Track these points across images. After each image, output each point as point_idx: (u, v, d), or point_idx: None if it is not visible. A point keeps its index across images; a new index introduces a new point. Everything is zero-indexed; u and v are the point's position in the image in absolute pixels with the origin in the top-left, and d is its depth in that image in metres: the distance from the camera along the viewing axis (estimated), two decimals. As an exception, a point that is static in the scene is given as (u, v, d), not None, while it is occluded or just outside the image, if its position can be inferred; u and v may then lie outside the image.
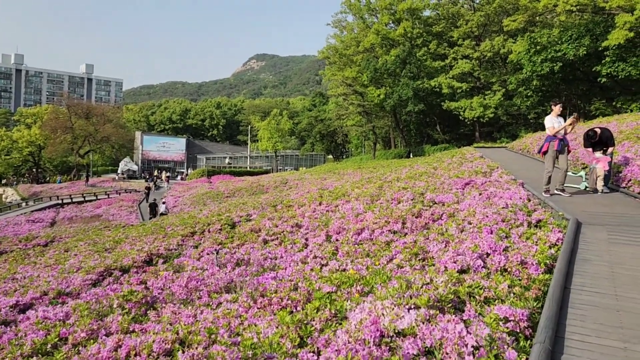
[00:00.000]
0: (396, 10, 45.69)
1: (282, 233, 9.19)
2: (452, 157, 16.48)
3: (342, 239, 7.58)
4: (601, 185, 9.20)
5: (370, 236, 7.49)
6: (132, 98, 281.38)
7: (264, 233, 9.42)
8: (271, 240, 9.08)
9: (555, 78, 33.80)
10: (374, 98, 45.31)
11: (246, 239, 9.52)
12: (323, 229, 8.26)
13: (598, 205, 7.86)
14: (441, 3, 47.64)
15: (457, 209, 8.25)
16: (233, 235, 9.91)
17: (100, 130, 73.67)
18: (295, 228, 9.44)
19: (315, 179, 37.18)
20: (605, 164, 9.17)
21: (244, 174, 60.19)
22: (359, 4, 49.48)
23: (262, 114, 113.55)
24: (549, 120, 9.39)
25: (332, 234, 8.02)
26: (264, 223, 10.24)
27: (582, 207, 7.62)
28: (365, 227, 7.91)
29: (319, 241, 7.84)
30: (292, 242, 8.37)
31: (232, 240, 9.60)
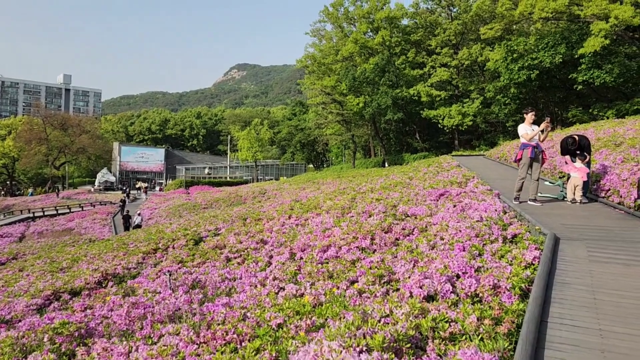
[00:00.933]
0: (374, 19, 45.61)
1: (246, 250, 8.61)
2: (429, 167, 16.08)
3: (307, 257, 7.04)
4: (580, 196, 8.83)
5: (337, 254, 6.97)
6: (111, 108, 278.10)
7: (227, 250, 8.83)
8: (234, 258, 8.50)
9: (532, 86, 33.87)
10: (353, 107, 45.03)
11: (208, 256, 8.91)
12: (288, 246, 7.71)
13: (576, 217, 7.46)
14: (419, 12, 47.74)
15: (430, 223, 7.78)
16: (194, 253, 9.29)
17: (76, 141, 72.30)
18: (261, 244, 8.87)
19: (294, 189, 36.63)
20: (583, 174, 8.81)
21: (223, 184, 59.39)
22: (337, 13, 49.35)
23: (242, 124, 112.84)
24: (523, 127, 9.04)
25: (297, 252, 7.47)
26: (228, 239, 9.65)
27: (560, 219, 7.20)
28: (332, 243, 7.39)
29: (282, 259, 7.28)
30: (255, 260, 7.79)
31: (194, 258, 8.98)
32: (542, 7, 29.78)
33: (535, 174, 8.88)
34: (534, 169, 8.89)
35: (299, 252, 7.43)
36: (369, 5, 46.13)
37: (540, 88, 35.28)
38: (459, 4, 44.58)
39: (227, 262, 8.43)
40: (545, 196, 9.53)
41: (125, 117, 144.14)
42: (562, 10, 30.66)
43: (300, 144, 73.24)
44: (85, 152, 73.25)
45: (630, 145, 10.85)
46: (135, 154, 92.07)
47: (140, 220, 31.17)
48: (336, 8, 49.34)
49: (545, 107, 40.94)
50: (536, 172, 8.88)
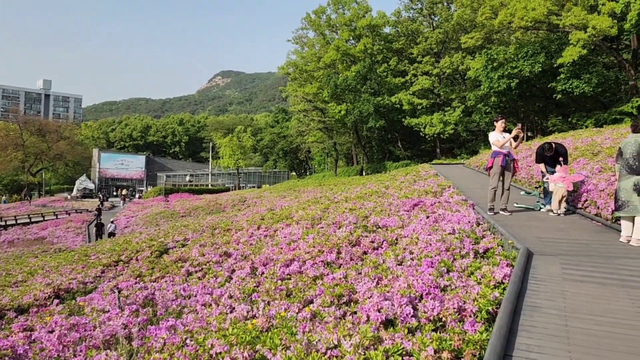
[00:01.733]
0: (356, 26, 45.50)
1: (207, 264, 8.13)
2: (406, 175, 15.75)
3: (268, 272, 6.58)
4: (564, 208, 8.52)
5: (300, 269, 6.52)
6: (93, 114, 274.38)
7: (188, 264, 8.33)
8: (195, 272, 8.01)
9: (512, 94, 33.94)
10: (335, 114, 44.76)
11: (169, 270, 8.40)
12: (250, 260, 7.24)
13: (553, 229, 7.12)
14: (400, 20, 47.77)
15: (401, 235, 7.39)
16: (154, 266, 8.76)
17: (54, 148, 70.82)
18: (224, 257, 8.39)
19: (274, 197, 36.18)
20: (569, 184, 8.50)
21: (204, 192, 58.53)
22: (319, 20, 49.15)
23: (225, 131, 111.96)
24: (494, 135, 8.74)
25: (259, 266, 7.01)
26: (192, 251, 9.14)
27: (535, 232, 6.86)
28: (297, 257, 6.95)
29: (243, 274, 6.82)
30: (215, 275, 7.32)
31: (153, 272, 8.46)
32: (521, 16, 29.86)
33: (507, 183, 8.58)
34: (505, 178, 8.59)
35: (260, 266, 6.97)
36: (351, 13, 46.04)
37: (520, 97, 35.39)
38: (440, 13, 44.70)
39: (188, 277, 7.94)
40: (521, 206, 9.22)
41: (106, 124, 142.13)
42: (542, 20, 30.78)
43: (283, 151, 72.75)
44: (63, 158, 71.79)
45: (608, 155, 10.63)
46: (115, 160, 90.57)
47: (113, 229, 30.41)
48: (318, 15, 49.16)
49: (526, 116, 41.12)
50: (507, 181, 8.59)
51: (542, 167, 9.22)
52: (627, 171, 6.22)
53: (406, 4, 46.99)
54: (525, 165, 13.53)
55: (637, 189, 6.04)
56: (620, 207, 6.21)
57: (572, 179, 8.62)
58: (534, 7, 29.93)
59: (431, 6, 45.36)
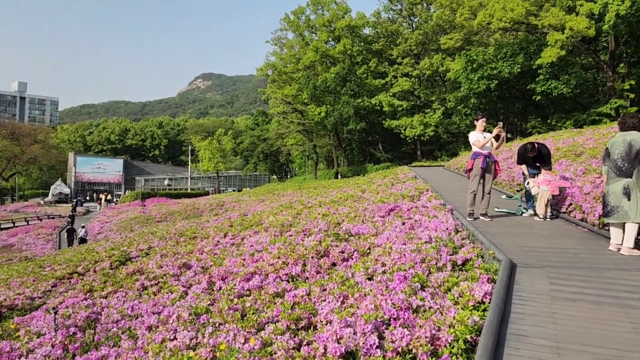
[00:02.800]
0: (335, 27, 45.01)
1: (164, 277, 7.43)
2: (384, 178, 15.20)
3: (226, 287, 5.92)
4: (549, 212, 8.03)
5: (262, 283, 5.88)
6: (71, 117, 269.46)
7: (143, 277, 7.63)
8: (151, 286, 7.31)
9: (492, 96, 33.75)
10: (314, 116, 44.17)
11: (123, 284, 7.68)
12: (207, 273, 6.57)
13: (536, 236, 6.59)
14: (380, 21, 47.43)
15: (373, 245, 6.80)
16: (107, 280, 8.03)
17: (27, 151, 68.91)
18: (183, 269, 7.70)
19: (253, 201, 35.51)
20: (555, 188, 8.00)
21: (182, 196, 57.41)
22: (299, 21, 48.56)
23: (205, 134, 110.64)
24: (474, 135, 8.21)
25: (217, 280, 6.35)
26: (149, 263, 8.43)
27: (517, 240, 6.32)
28: (259, 270, 6.31)
29: (199, 290, 6.14)
30: (171, 290, 6.64)
31: (105, 286, 7.73)
32: (500, 17, 29.67)
33: (487, 186, 8.06)
34: (486, 181, 8.07)
35: (219, 281, 6.31)
36: (330, 14, 45.53)
37: (500, 98, 35.25)
38: (420, 14, 44.49)
39: (143, 291, 7.24)
40: (502, 211, 8.71)
41: (83, 127, 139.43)
42: (520, 21, 30.65)
43: (263, 154, 71.85)
44: (37, 162, 69.91)
45: (591, 156, 10.20)
46: (91, 164, 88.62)
47: (84, 234, 29.43)
48: (297, 16, 48.57)
49: (505, 118, 41.02)
50: (488, 185, 8.06)
51: (524, 168, 8.72)
52: (615, 173, 5.70)
53: (385, 5, 46.72)
54: (506, 167, 13.09)
55: (626, 193, 5.53)
56: (609, 212, 5.69)
57: (558, 184, 8.12)
58: (513, 8, 29.76)
59: (410, 7, 45.11)
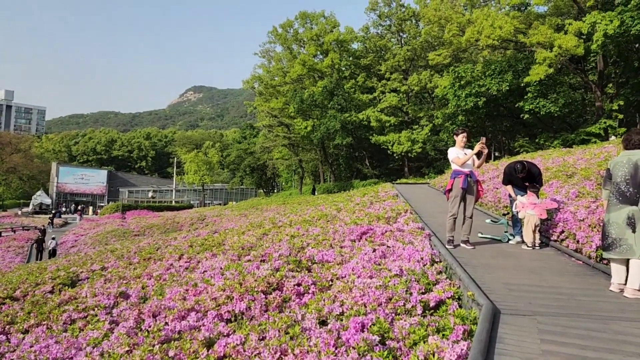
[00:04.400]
0: (323, 41, 44.46)
1: (95, 308, 6.40)
2: (363, 196, 14.30)
3: (154, 327, 4.93)
4: (538, 239, 7.14)
5: (197, 323, 4.91)
6: (59, 127, 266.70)
7: (72, 307, 6.59)
8: (79, 319, 6.28)
9: (480, 113, 33.17)
10: (301, 130, 43.35)
11: (49, 315, 6.64)
12: (136, 309, 5.57)
13: (524, 270, 5.69)
14: (369, 36, 47.01)
15: (336, 276, 5.86)
16: (31, 311, 6.97)
17: (7, 160, 67.32)
18: (119, 299, 6.68)
19: (235, 216, 34.49)
20: (542, 211, 7.14)
21: (164, 208, 56.07)
22: (287, 34, 47.99)
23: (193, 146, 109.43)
24: (453, 151, 7.36)
25: (147, 318, 5.35)
26: (84, 290, 7.40)
27: (502, 275, 5.41)
28: (198, 305, 5.33)
29: (124, 329, 5.14)
30: (95, 327, 5.62)
31: (29, 318, 6.68)
32: (488, 34, 29.20)
33: (469, 209, 7.14)
34: (468, 203, 7.17)
35: (149, 318, 5.31)
36: (318, 27, 45.02)
37: (487, 116, 34.69)
38: (409, 30, 44.12)
39: (70, 325, 6.21)
40: (486, 237, 7.81)
41: (68, 137, 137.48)
42: (509, 38, 30.24)
43: (250, 168, 70.85)
44: (17, 172, 68.26)
45: (584, 177, 9.37)
46: (75, 175, 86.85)
47: (54, 245, 28.28)
48: (285, 29, 47.99)
49: (493, 136, 40.53)
50: (470, 207, 7.15)
51: (510, 189, 7.86)
52: (617, 200, 4.82)
53: (374, 20, 46.34)
54: (492, 187, 12.25)
55: (631, 224, 4.66)
56: (610, 246, 4.80)
57: (545, 206, 7.27)
58: (501, 26, 29.34)
59: (399, 23, 44.75)
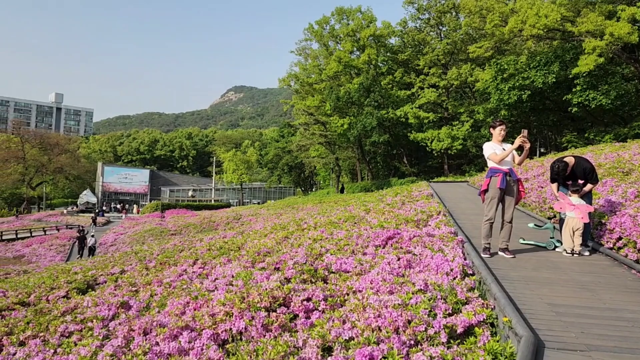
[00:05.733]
0: (360, 37, 43.51)
1: (93, 320, 5.91)
2: (396, 196, 13.44)
3: (141, 349, 4.36)
4: (579, 245, 6.21)
5: (188, 344, 4.31)
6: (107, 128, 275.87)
7: (70, 318, 6.14)
8: (74, 332, 5.80)
9: (523, 107, 31.51)
10: (337, 128, 42.60)
11: (48, 326, 6.20)
12: (127, 324, 5.01)
13: (573, 285, 4.80)
14: (406, 30, 45.70)
15: (351, 290, 5.14)
16: (30, 321, 6.57)
17: (54, 161, 69.58)
18: (120, 310, 6.18)
19: (271, 215, 34.19)
20: (584, 214, 6.20)
21: (203, 207, 56.50)
22: (323, 31, 47.31)
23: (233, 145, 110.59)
24: (489, 146, 6.46)
25: (137, 335, 4.78)
26: (86, 299, 6.96)
27: (547, 293, 4.55)
28: (194, 322, 4.72)
29: (112, 348, 4.59)
30: (86, 343, 5.11)
31: (27, 328, 6.27)
32: (532, 23, 27.60)
33: (508, 213, 6.25)
34: (507, 206, 6.28)
35: (139, 336, 4.74)
36: (354, 23, 44.05)
37: (532, 110, 32.94)
38: (448, 23, 42.58)
39: (65, 338, 5.74)
40: (529, 243, 6.90)
41: (114, 137, 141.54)
42: (555, 27, 28.52)
43: (288, 166, 70.72)
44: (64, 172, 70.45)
45: (644, 174, 8.27)
46: (118, 174, 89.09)
47: (93, 243, 28.74)
48: (322, 26, 47.32)
49: (539, 132, 38.65)
50: (509, 211, 6.25)
51: (554, 188, 6.92)
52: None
53: (412, 14, 44.97)
54: (536, 186, 11.18)
55: None
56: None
57: (586, 209, 6.27)
58: (547, 14, 27.66)
59: (439, 16, 43.27)
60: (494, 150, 6.28)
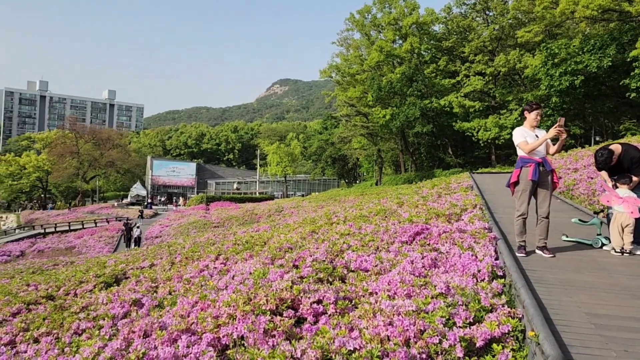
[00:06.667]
0: (402, 25, 42.44)
1: (105, 318, 5.74)
2: (433, 187, 12.83)
3: (135, 354, 4.10)
4: (630, 243, 5.52)
5: (185, 350, 4.02)
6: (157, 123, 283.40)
7: (83, 315, 6.01)
8: (85, 329, 5.66)
9: (576, 94, 29.81)
10: (379, 119, 41.83)
11: (63, 322, 6.10)
12: (128, 325, 4.77)
13: (620, 292, 4.18)
14: (451, 17, 44.21)
15: (367, 291, 4.72)
16: (46, 317, 6.50)
17: (106, 155, 72.11)
18: (133, 308, 5.99)
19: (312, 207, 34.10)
20: (634, 208, 5.50)
21: (246, 200, 57.06)
22: (364, 20, 46.47)
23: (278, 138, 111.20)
24: (520, 132, 5.72)
25: (137, 338, 4.54)
26: (101, 295, 6.83)
27: (587, 300, 3.96)
28: (195, 325, 4.44)
29: (111, 351, 4.36)
30: (91, 342, 4.93)
31: (42, 325, 6.19)
32: (585, 3, 25.98)
33: (544, 207, 5.55)
34: (541, 200, 5.60)
35: (138, 339, 4.50)
36: (397, 11, 42.98)
37: (586, 97, 31.12)
38: (495, 7, 40.83)
39: (76, 336, 5.61)
40: (572, 240, 6.23)
41: (163, 132, 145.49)
42: (611, 8, 26.76)
43: (331, 158, 70.44)
44: (115, 166, 72.96)
45: None
46: (166, 168, 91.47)
47: (139, 233, 29.59)
48: (363, 15, 46.48)
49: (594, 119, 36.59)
50: (544, 204, 5.55)
51: (605, 176, 6.21)
52: None
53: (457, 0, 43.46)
54: (585, 177, 10.32)
55: None
56: None
57: (635, 203, 5.53)
58: (602, -7, 26.02)
59: (485, 0, 41.61)
60: (525, 137, 5.60)
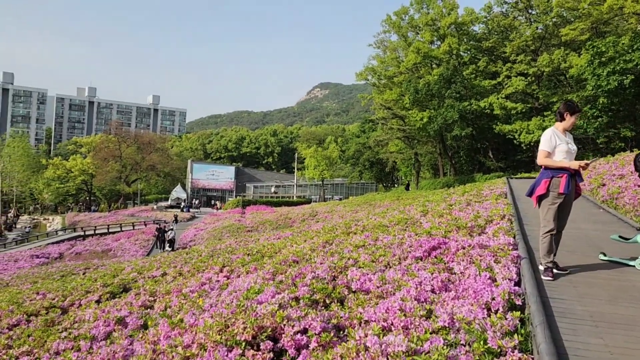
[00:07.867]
0: (440, 26, 41.29)
1: (85, 339, 5.32)
2: (463, 194, 11.99)
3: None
4: None
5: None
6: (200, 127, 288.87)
7: (65, 334, 5.62)
8: (63, 350, 5.26)
9: (626, 94, 28.00)
10: (416, 122, 40.79)
11: (44, 341, 5.74)
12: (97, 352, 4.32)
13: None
14: (491, 16, 42.68)
15: (361, 319, 4.09)
16: (31, 334, 6.15)
17: (147, 159, 73.75)
18: (117, 327, 5.55)
19: (347, 212, 33.63)
20: None
21: (282, 204, 56.92)
22: (401, 21, 45.50)
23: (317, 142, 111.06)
24: (550, 137, 4.96)
25: None
26: (88, 312, 6.45)
27: (622, 342, 3.20)
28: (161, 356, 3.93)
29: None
30: None
31: (24, 343, 5.85)
32: (637, -3, 24.38)
33: (565, 220, 4.85)
34: (565, 214, 4.85)
35: None
36: (434, 11, 41.87)
37: (637, 97, 29.23)
38: (538, 5, 39.08)
39: (54, 357, 5.22)
40: (611, 260, 5.40)
41: (204, 136, 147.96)
42: (665, 1, 25.02)
43: (369, 162, 69.55)
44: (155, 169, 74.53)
45: None
46: (206, 171, 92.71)
47: (172, 235, 29.85)
48: (400, 17, 45.52)
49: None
50: (566, 218, 4.86)
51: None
52: None
53: (498, -2, 41.93)
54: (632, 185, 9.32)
55: None
56: None
57: None
58: (655, -14, 24.35)
59: (528, -2, 39.97)
60: (557, 143, 4.82)
